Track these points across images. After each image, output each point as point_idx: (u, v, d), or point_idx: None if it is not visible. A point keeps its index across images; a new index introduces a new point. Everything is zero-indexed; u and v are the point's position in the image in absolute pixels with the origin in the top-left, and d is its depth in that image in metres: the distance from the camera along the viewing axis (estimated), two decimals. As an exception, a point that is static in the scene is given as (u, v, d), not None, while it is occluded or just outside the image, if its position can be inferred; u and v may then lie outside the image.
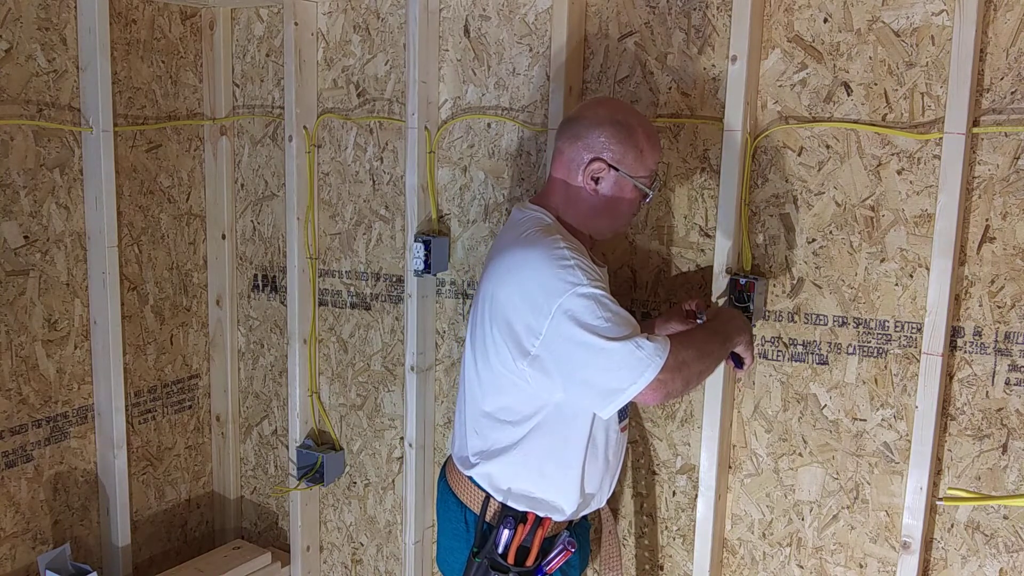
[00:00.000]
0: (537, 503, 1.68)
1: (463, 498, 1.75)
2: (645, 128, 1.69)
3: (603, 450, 1.70)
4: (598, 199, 1.67)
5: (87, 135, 2.36)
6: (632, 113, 1.71)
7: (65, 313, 2.38)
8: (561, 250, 1.54)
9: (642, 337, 1.46)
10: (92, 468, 2.49)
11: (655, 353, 1.45)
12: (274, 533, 2.86)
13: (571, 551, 1.62)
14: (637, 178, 1.67)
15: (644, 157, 1.67)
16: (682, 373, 1.48)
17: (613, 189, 1.66)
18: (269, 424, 2.80)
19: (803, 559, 1.94)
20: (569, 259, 1.52)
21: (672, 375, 1.46)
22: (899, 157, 1.75)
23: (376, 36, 2.39)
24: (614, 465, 1.76)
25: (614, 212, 1.69)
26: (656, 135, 1.73)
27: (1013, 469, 1.70)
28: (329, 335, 2.60)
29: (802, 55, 1.82)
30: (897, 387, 1.80)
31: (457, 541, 1.76)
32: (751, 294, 1.83)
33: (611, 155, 1.64)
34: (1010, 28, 1.62)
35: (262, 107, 2.66)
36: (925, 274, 1.74)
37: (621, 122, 1.66)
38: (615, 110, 1.69)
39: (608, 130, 1.64)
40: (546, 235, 1.58)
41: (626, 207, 1.69)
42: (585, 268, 1.52)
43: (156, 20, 2.55)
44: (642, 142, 1.66)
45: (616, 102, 1.77)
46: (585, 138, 1.65)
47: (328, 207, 2.54)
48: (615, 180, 1.66)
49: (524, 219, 1.67)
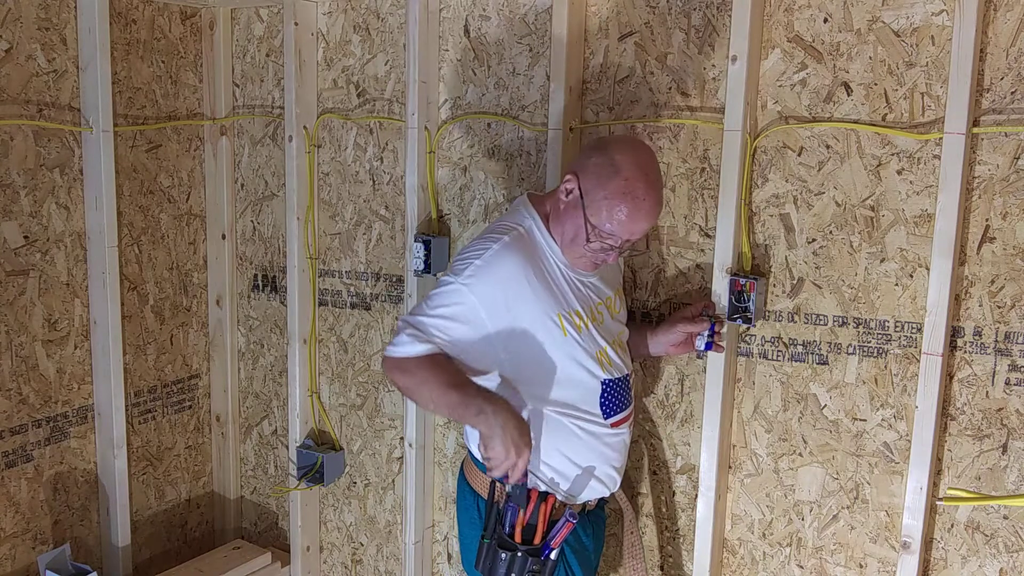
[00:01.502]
0: (535, 479, 1.72)
1: (475, 485, 1.80)
2: (632, 185, 1.59)
3: (596, 440, 1.73)
4: (558, 210, 1.69)
5: (87, 135, 2.36)
6: (635, 165, 1.61)
7: (65, 313, 2.38)
8: (489, 251, 1.64)
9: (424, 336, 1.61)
10: (92, 468, 2.49)
11: (405, 344, 1.61)
12: (274, 533, 2.86)
13: (573, 523, 1.64)
14: (588, 219, 1.61)
15: (606, 207, 1.59)
16: (403, 377, 1.63)
17: (568, 210, 1.66)
18: (269, 424, 2.80)
19: (803, 559, 1.94)
20: (479, 258, 1.63)
21: (394, 369, 1.63)
22: (899, 157, 1.75)
23: (376, 36, 2.39)
24: (613, 458, 1.77)
25: (561, 231, 1.69)
26: (650, 211, 1.62)
27: (1013, 469, 1.70)
28: (329, 335, 2.60)
29: (802, 55, 1.82)
30: (897, 387, 1.80)
31: (474, 529, 1.79)
32: (751, 294, 1.83)
33: (585, 181, 1.63)
34: (1010, 28, 1.62)
35: (262, 107, 2.66)
36: (925, 274, 1.74)
37: (615, 164, 1.60)
38: (622, 151, 1.63)
39: (601, 160, 1.62)
40: (497, 233, 1.68)
41: (568, 234, 1.67)
42: (479, 266, 1.62)
43: (156, 20, 2.55)
44: (614, 193, 1.59)
45: (642, 150, 1.67)
46: (586, 155, 1.68)
47: (328, 207, 2.54)
48: (573, 204, 1.64)
49: (506, 213, 1.74)
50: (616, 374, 1.74)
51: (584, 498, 1.77)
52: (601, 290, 1.78)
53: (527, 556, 1.62)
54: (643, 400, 2.08)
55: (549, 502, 1.68)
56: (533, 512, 1.66)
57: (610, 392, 1.73)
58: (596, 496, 1.79)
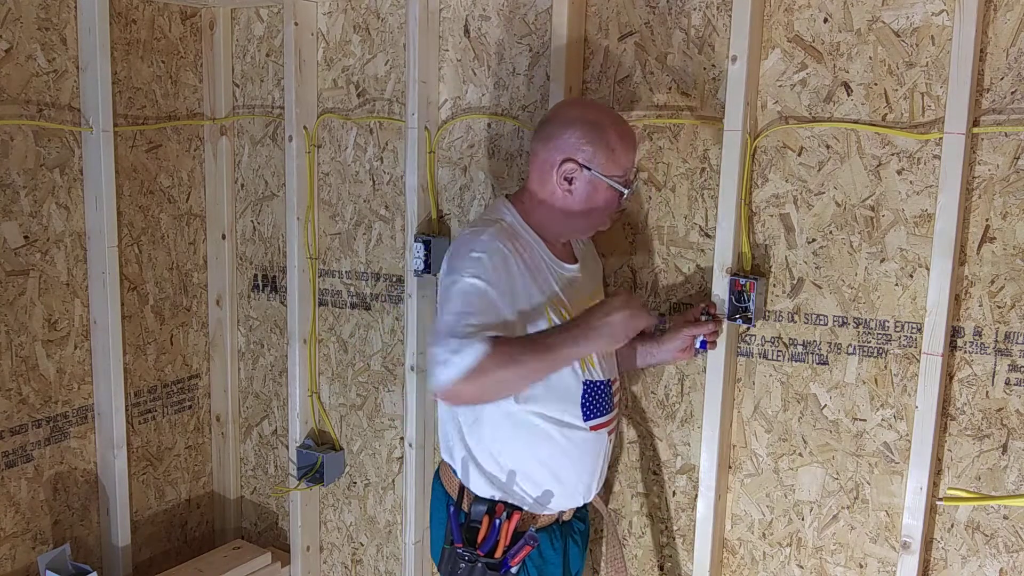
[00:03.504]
0: (499, 493, 1.71)
1: (447, 487, 1.80)
2: (617, 127, 1.70)
3: (571, 446, 1.71)
4: (572, 199, 1.69)
5: (87, 135, 2.36)
6: (604, 112, 1.73)
7: (65, 313, 2.38)
8: (478, 236, 1.63)
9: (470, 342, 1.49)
10: (92, 468, 2.49)
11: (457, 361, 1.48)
12: (274, 533, 2.86)
13: (532, 546, 1.64)
14: (611, 177, 1.68)
15: (616, 156, 1.68)
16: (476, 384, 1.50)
17: (587, 189, 1.68)
18: (269, 424, 2.80)
19: (803, 559, 1.95)
20: (478, 252, 1.60)
21: (461, 390, 1.50)
22: (899, 157, 1.75)
23: (376, 36, 2.39)
24: (591, 465, 1.75)
25: (589, 212, 1.71)
26: (631, 133, 1.74)
27: (1013, 469, 1.70)
28: (329, 335, 2.60)
29: (802, 55, 1.82)
30: (897, 387, 1.80)
31: (442, 529, 1.80)
32: (751, 294, 1.83)
33: (583, 155, 1.66)
34: (1010, 28, 1.62)
35: (262, 107, 2.66)
36: (925, 274, 1.74)
37: (592, 121, 1.67)
38: (586, 110, 1.72)
39: (579, 130, 1.66)
40: (480, 226, 1.67)
41: (601, 206, 1.71)
42: (481, 260, 1.58)
43: (156, 20, 2.55)
44: (614, 141, 1.67)
45: (588, 102, 1.79)
46: (556, 139, 1.67)
47: (328, 207, 2.54)
48: (588, 180, 1.67)
49: (483, 212, 1.73)
50: (597, 377, 1.73)
51: (555, 508, 1.75)
52: (586, 284, 1.79)
53: (486, 568, 1.63)
54: (643, 400, 2.08)
55: (514, 519, 1.67)
56: (494, 527, 1.66)
57: (591, 394, 1.72)
58: (569, 506, 1.77)
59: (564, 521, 1.80)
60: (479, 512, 1.70)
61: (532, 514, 1.73)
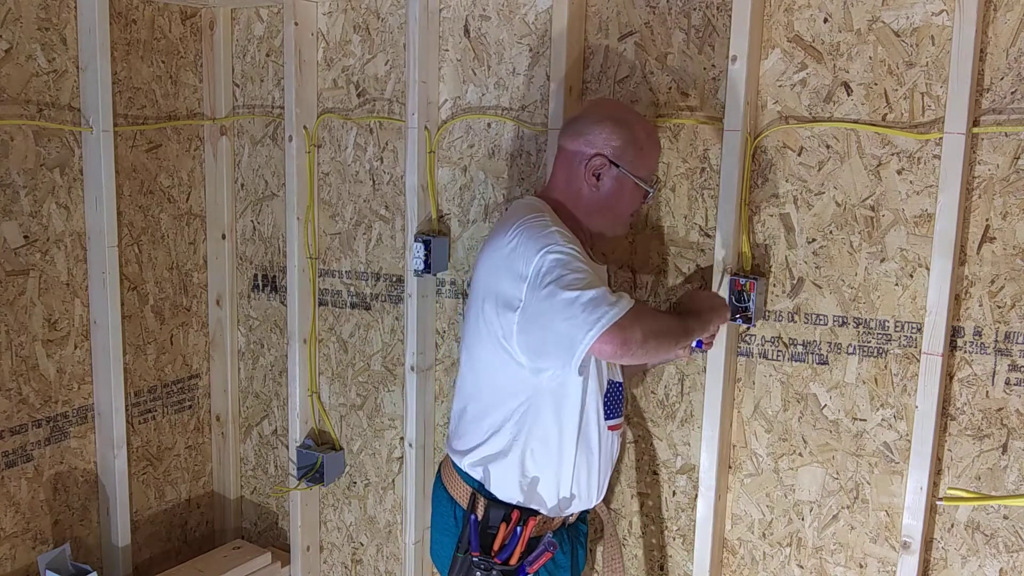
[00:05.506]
0: (523, 496, 1.69)
1: (453, 493, 1.77)
2: (644, 127, 1.76)
3: (595, 447, 1.71)
4: (599, 195, 1.71)
5: (87, 135, 2.36)
6: (631, 112, 1.79)
7: (65, 313, 2.38)
8: (542, 220, 1.60)
9: (607, 291, 1.49)
10: (92, 468, 2.49)
11: (615, 304, 1.48)
12: (274, 533, 2.86)
13: (551, 552, 1.62)
14: (637, 176, 1.71)
15: (644, 155, 1.73)
16: (640, 328, 1.49)
17: (613, 185, 1.71)
18: (269, 424, 2.80)
19: (803, 559, 1.94)
20: (549, 227, 1.58)
21: (629, 326, 1.48)
22: (899, 157, 1.75)
23: (376, 36, 2.39)
24: (605, 466, 1.76)
25: (614, 209, 1.73)
26: (655, 135, 1.80)
27: (1013, 469, 1.70)
28: (329, 335, 2.60)
29: (802, 55, 1.82)
30: (897, 387, 1.80)
31: (447, 536, 1.77)
32: (751, 294, 1.83)
33: (612, 151, 1.70)
34: (1010, 28, 1.62)
35: (262, 107, 2.66)
36: (925, 274, 1.74)
37: (621, 120, 1.72)
38: (615, 109, 1.79)
39: (609, 127, 1.70)
40: (531, 213, 1.63)
41: (625, 204, 1.74)
42: (563, 233, 1.57)
43: (156, 20, 2.55)
44: (642, 140, 1.73)
45: (616, 102, 1.86)
46: (587, 135, 1.71)
47: (328, 207, 2.54)
48: (616, 176, 1.71)
49: (518, 206, 1.71)
50: (616, 378, 1.75)
51: (571, 511, 1.75)
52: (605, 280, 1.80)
53: (502, 574, 1.62)
54: (643, 400, 2.08)
55: (530, 524, 1.66)
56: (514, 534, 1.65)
57: (611, 394, 1.73)
58: (581, 509, 1.77)
59: (570, 524, 1.81)
60: (496, 518, 1.68)
61: (546, 518, 1.72)
